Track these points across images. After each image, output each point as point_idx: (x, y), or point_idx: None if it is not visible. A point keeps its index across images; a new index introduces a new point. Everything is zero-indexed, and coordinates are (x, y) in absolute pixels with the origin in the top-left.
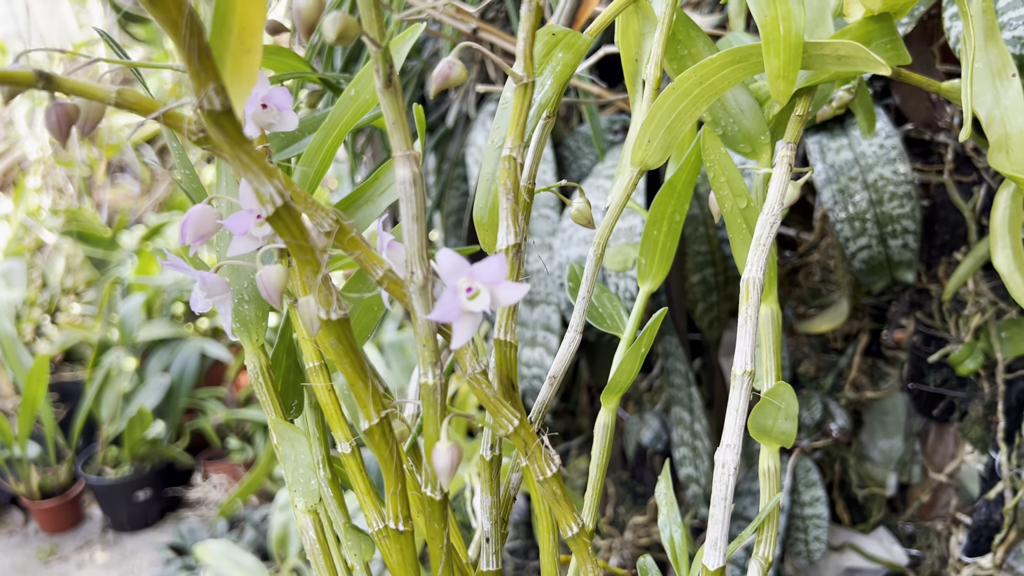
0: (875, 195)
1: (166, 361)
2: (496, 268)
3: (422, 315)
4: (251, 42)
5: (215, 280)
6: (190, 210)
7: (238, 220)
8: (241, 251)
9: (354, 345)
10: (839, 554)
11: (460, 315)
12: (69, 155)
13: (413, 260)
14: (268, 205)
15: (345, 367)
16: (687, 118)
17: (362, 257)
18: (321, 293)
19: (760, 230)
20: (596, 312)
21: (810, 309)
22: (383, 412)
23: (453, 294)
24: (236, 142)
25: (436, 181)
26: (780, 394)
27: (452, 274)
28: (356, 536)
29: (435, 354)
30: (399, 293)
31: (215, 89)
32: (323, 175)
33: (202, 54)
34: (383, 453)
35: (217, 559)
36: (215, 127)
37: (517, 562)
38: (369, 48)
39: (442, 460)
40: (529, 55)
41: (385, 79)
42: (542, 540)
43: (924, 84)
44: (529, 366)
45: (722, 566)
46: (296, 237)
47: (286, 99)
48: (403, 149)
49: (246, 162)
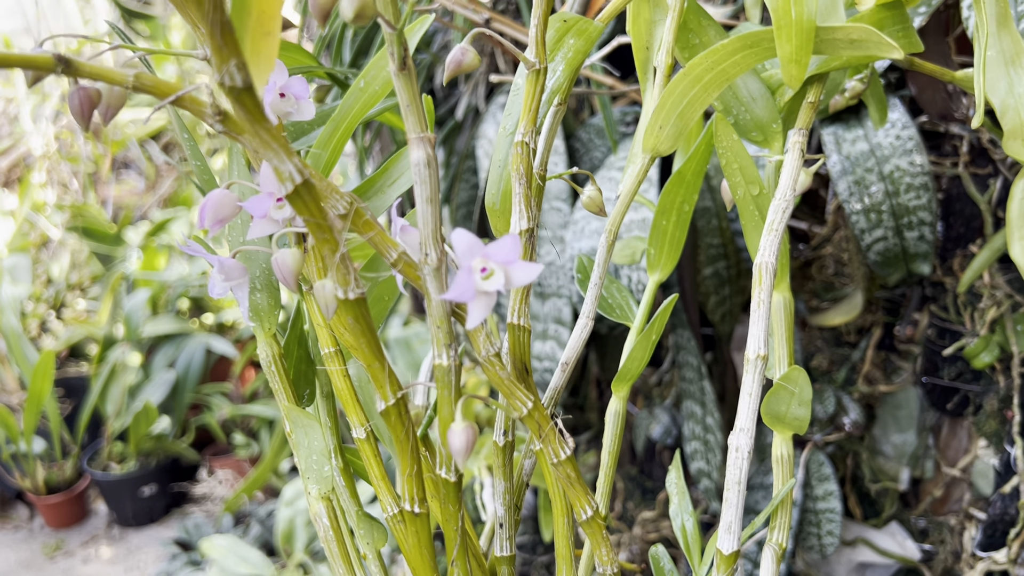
0: (891, 186)
1: (171, 357)
2: (510, 248)
3: (436, 296)
4: (270, 25)
5: (233, 264)
6: (209, 195)
7: (258, 202)
8: (260, 234)
9: (371, 325)
10: (852, 549)
11: (475, 295)
12: (74, 151)
13: (427, 242)
14: (288, 183)
15: (362, 347)
16: (699, 104)
17: (376, 239)
18: (339, 272)
19: (772, 215)
20: (605, 302)
21: (823, 303)
22: (399, 392)
23: (468, 274)
24: (256, 119)
25: (445, 175)
26: (794, 379)
27: (467, 254)
28: (369, 524)
29: (449, 335)
30: (413, 275)
31: (237, 65)
32: (333, 166)
33: (224, 29)
34: (399, 434)
35: (223, 554)
36: (237, 104)
37: (525, 556)
38: (384, 30)
39: (458, 440)
40: (541, 40)
41: (400, 62)
42: (556, 523)
43: (938, 73)
44: (540, 359)
45: (736, 550)
46: (315, 215)
47: (304, 88)
48: (418, 131)
49: (266, 139)
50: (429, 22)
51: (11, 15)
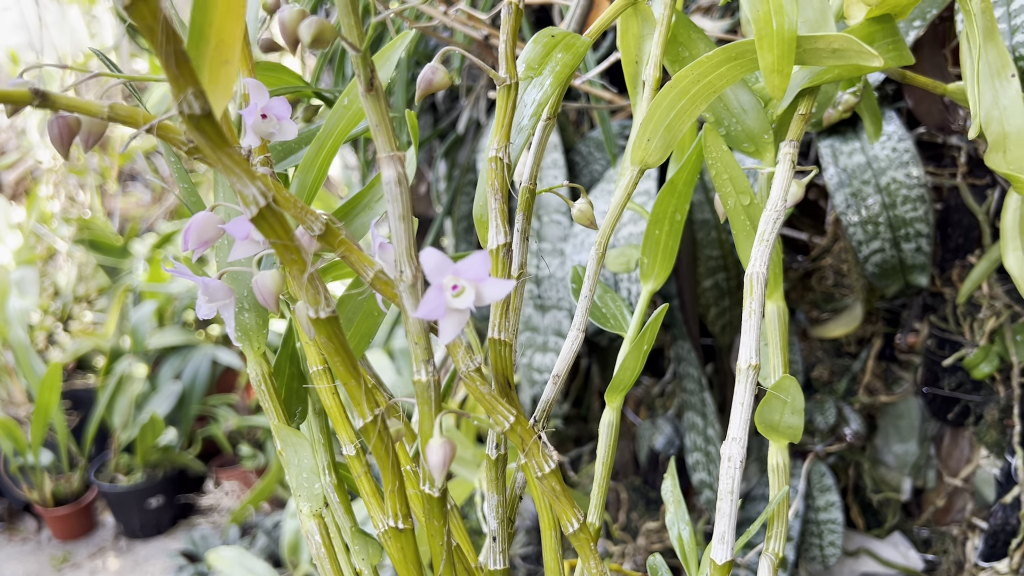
0: (888, 198)
1: (178, 368)
2: (479, 265)
3: (411, 313)
4: (228, 53)
5: (218, 286)
6: (192, 218)
7: (239, 224)
8: (243, 255)
9: (344, 343)
10: (854, 559)
11: (446, 312)
12: (81, 164)
13: (402, 259)
14: (252, 206)
15: (336, 365)
16: (686, 117)
17: (352, 258)
18: (309, 292)
19: (764, 226)
20: (599, 312)
21: (823, 313)
22: (376, 410)
23: (438, 292)
24: (217, 145)
25: (447, 187)
26: (785, 388)
27: (436, 272)
28: (363, 540)
29: (427, 351)
30: (390, 292)
31: (194, 93)
32: (319, 184)
33: (179, 59)
34: (379, 451)
35: (229, 566)
36: (196, 131)
37: (530, 568)
38: (349, 52)
39: (435, 456)
40: (510, 56)
41: (367, 83)
42: (544, 537)
43: (930, 86)
44: (541, 371)
45: (730, 560)
46: (281, 237)
47: (285, 109)
48: (387, 150)
49: (228, 165)
50: (408, 40)
51: (16, 29)
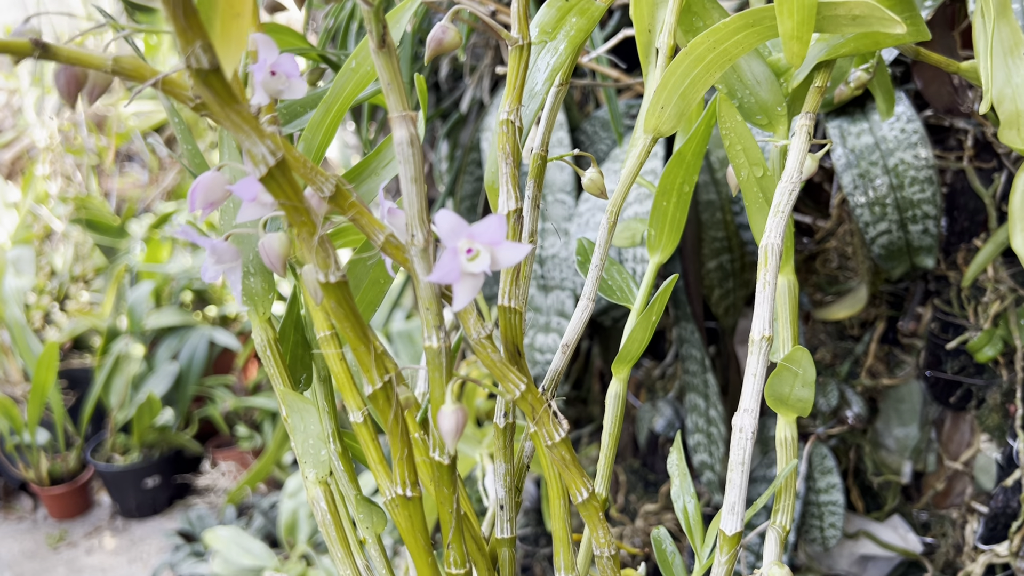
0: (896, 180)
1: (175, 349)
2: (495, 228)
3: (423, 277)
4: (240, 6)
5: (225, 247)
6: (199, 178)
7: (246, 185)
8: (249, 218)
9: (354, 308)
10: (854, 541)
11: (460, 276)
12: (78, 144)
13: (413, 223)
14: (261, 165)
15: (347, 331)
16: (701, 84)
17: (363, 221)
18: (318, 255)
19: (779, 197)
20: (606, 285)
21: (827, 296)
22: (386, 376)
23: (453, 255)
24: (225, 102)
25: (449, 168)
26: (797, 360)
27: (451, 235)
28: (368, 508)
29: (439, 317)
30: (401, 257)
31: (202, 47)
32: (325, 149)
33: (187, 10)
34: (387, 418)
35: (226, 545)
36: (204, 87)
37: (527, 549)
38: (360, 7)
39: (447, 422)
40: (523, 16)
41: (379, 40)
42: (552, 506)
43: (943, 64)
44: (543, 352)
45: (740, 531)
46: (290, 198)
47: (294, 66)
48: (399, 110)
49: (236, 122)
50: (417, 3)
51: (12, 6)
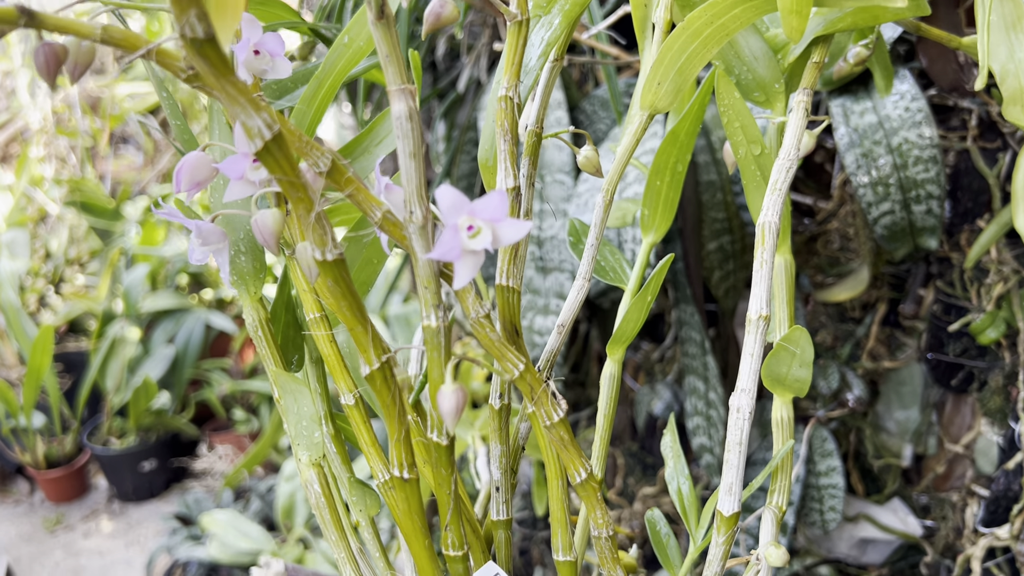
0: (899, 159)
1: (171, 332)
2: (497, 204)
3: (422, 255)
4: None
5: (211, 229)
6: (185, 157)
7: (234, 163)
8: (237, 197)
9: (351, 287)
10: (853, 524)
11: (461, 254)
12: (72, 126)
13: (412, 199)
14: (257, 139)
15: (343, 310)
16: (698, 60)
17: (359, 197)
18: (315, 232)
19: (776, 175)
20: (598, 265)
21: (828, 278)
22: (384, 356)
23: (454, 232)
24: (220, 72)
25: (446, 148)
26: (795, 340)
27: (452, 211)
28: (361, 490)
29: (437, 296)
30: (398, 234)
31: (197, 15)
32: (317, 124)
33: None
34: (385, 399)
35: (223, 529)
36: (198, 56)
37: (525, 532)
38: None
39: (447, 402)
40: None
41: (377, 10)
42: (551, 487)
43: (944, 39)
44: (542, 334)
45: (737, 511)
46: (287, 173)
47: (279, 45)
48: (398, 83)
49: (232, 94)
50: None
51: None
